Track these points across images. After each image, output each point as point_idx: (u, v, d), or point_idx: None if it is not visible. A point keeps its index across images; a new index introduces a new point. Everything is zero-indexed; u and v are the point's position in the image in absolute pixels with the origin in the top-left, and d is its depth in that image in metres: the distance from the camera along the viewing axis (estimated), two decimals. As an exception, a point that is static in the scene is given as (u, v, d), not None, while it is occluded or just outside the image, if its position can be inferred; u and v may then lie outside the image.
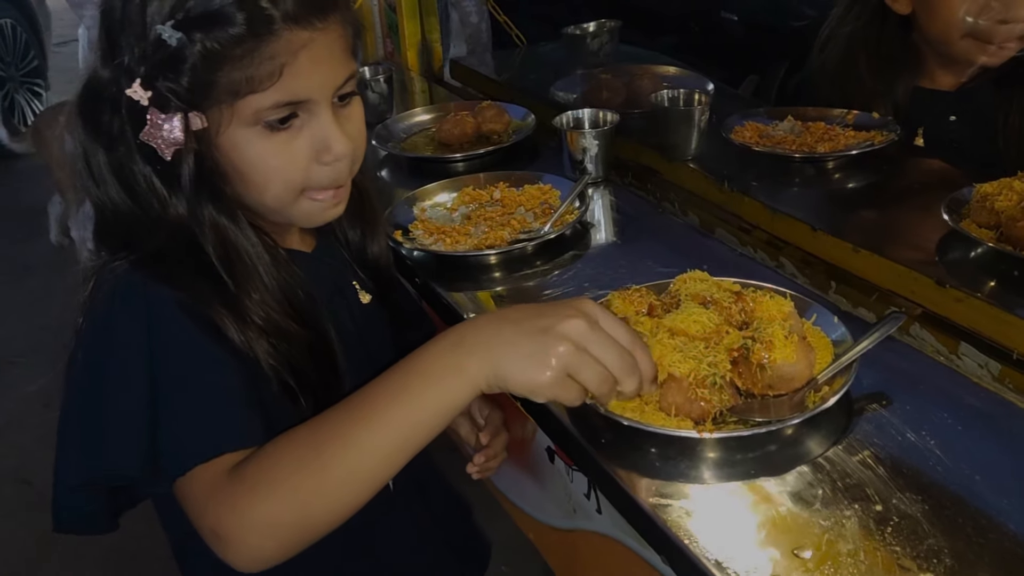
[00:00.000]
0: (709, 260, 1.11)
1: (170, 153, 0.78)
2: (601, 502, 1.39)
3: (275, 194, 0.84)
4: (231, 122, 0.79)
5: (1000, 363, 0.93)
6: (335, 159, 0.84)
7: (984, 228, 1.10)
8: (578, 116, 1.49)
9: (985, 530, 0.72)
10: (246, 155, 0.81)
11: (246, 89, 0.77)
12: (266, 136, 0.81)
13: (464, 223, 1.33)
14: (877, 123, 1.47)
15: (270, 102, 0.79)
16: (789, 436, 0.84)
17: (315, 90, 0.81)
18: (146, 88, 0.77)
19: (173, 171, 0.79)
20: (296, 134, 0.82)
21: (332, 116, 0.83)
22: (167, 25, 0.75)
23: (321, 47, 0.81)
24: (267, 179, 0.83)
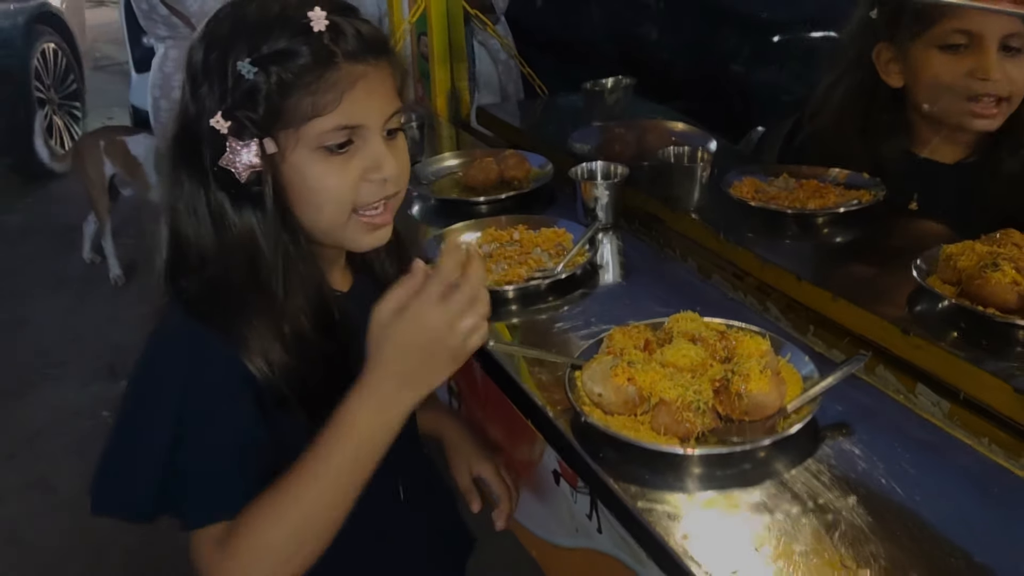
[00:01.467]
0: (704, 302, 1.25)
1: (246, 176, 0.91)
2: (602, 522, 1.51)
3: (329, 213, 0.95)
4: (296, 146, 0.91)
5: (950, 402, 1.06)
6: (383, 177, 0.95)
7: (948, 284, 1.23)
8: (591, 168, 1.64)
9: (919, 540, 0.86)
10: (307, 175, 0.93)
11: (311, 113, 0.90)
12: (325, 158, 0.93)
13: (486, 260, 1.48)
14: (867, 183, 1.61)
15: (331, 125, 0.91)
16: (760, 456, 0.98)
17: (368, 117, 0.93)
18: (226, 119, 0.90)
19: (246, 194, 0.92)
20: (350, 157, 0.94)
21: (382, 141, 0.95)
22: (245, 62, 0.88)
23: (375, 80, 0.93)
24: (323, 198, 0.94)
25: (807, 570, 0.82)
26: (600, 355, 1.09)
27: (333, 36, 0.91)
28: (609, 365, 1.03)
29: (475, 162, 1.82)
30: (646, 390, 1.00)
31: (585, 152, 1.91)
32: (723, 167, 1.68)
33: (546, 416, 1.10)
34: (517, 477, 1.37)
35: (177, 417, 0.88)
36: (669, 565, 0.89)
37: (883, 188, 1.57)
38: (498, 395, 1.78)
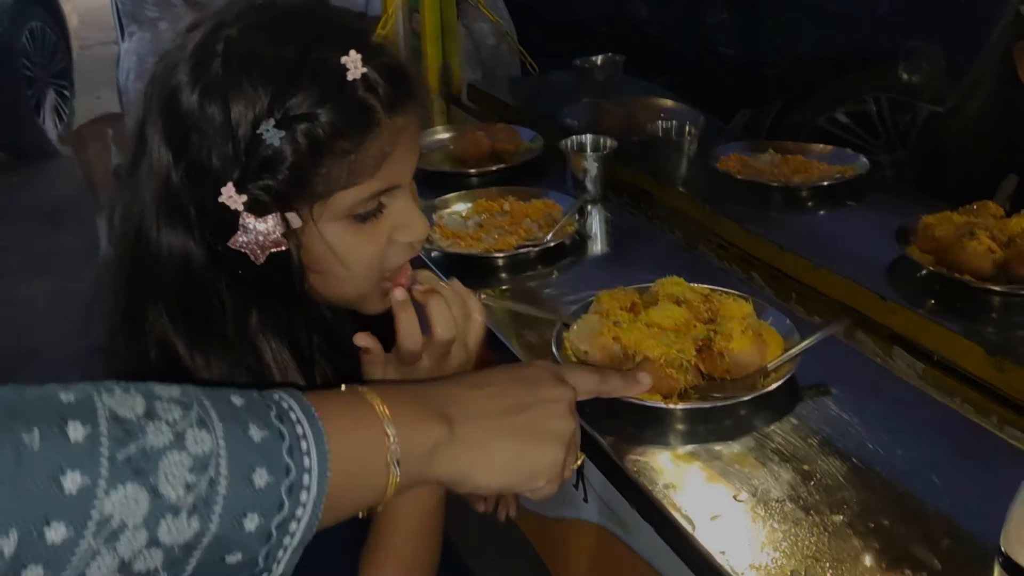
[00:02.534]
0: (690, 271, 1.28)
1: (264, 257, 0.74)
2: (588, 491, 1.55)
3: (357, 284, 0.81)
4: (322, 216, 0.76)
5: (925, 364, 1.10)
6: (416, 240, 0.82)
7: (926, 253, 1.27)
8: (581, 141, 1.67)
9: (891, 488, 0.89)
10: (337, 247, 0.78)
11: (347, 182, 0.75)
12: (356, 228, 0.78)
13: (477, 230, 1.51)
14: (850, 158, 1.65)
15: (368, 193, 0.76)
16: (741, 412, 1.02)
17: (406, 175, 0.80)
18: (240, 192, 0.73)
19: (254, 277, 0.76)
20: (379, 220, 0.79)
21: (413, 198, 0.82)
22: (269, 123, 0.71)
23: (412, 131, 0.80)
24: (354, 271, 0.80)
25: (783, 515, 0.86)
26: (587, 315, 1.12)
27: (368, 84, 0.75)
28: (596, 324, 1.06)
29: (466, 135, 1.85)
30: (631, 348, 1.03)
31: (575, 127, 1.93)
32: (711, 143, 1.71)
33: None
34: None
35: None
36: (652, 513, 0.92)
37: (866, 164, 1.60)
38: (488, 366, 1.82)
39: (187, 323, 0.77)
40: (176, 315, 0.77)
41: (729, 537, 0.84)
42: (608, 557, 1.47)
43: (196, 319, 0.77)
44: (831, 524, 0.84)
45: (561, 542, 1.68)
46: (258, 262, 0.75)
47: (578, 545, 1.61)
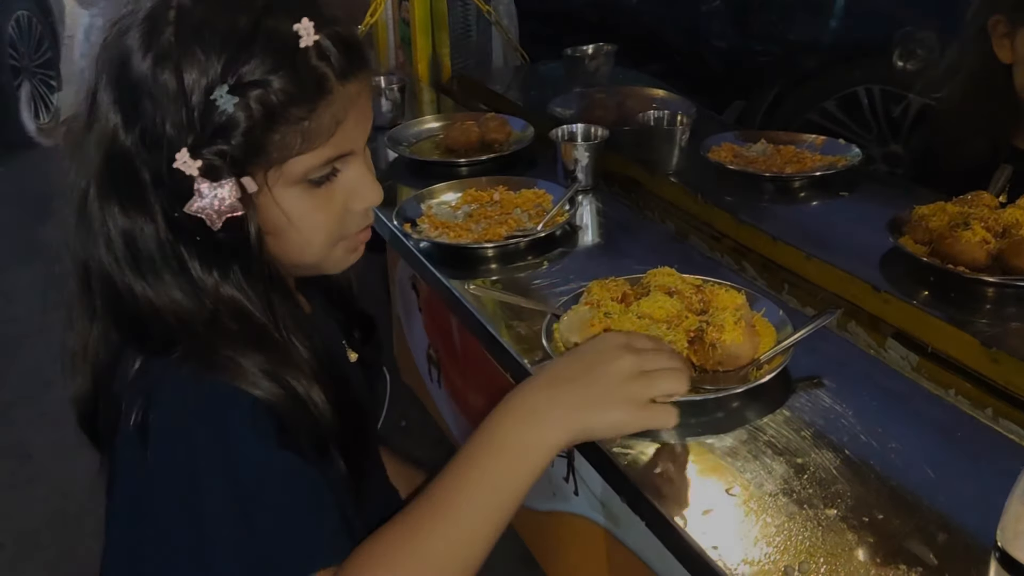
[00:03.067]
0: (681, 262, 1.26)
1: (221, 222, 0.75)
2: (578, 484, 1.53)
3: (316, 248, 0.84)
4: (276, 182, 0.77)
5: (919, 356, 1.09)
6: (369, 206, 0.84)
7: (919, 244, 1.26)
8: (572, 130, 1.65)
9: (885, 481, 0.88)
10: (292, 213, 0.79)
11: (301, 148, 0.76)
12: (311, 192, 0.80)
13: (466, 220, 1.49)
14: (842, 148, 1.63)
15: (322, 159, 0.78)
16: (734, 405, 1.00)
17: (358, 142, 0.82)
18: (195, 157, 0.73)
19: (214, 242, 0.76)
20: (334, 187, 0.82)
21: (367, 166, 0.84)
22: (222, 90, 0.72)
23: (364, 99, 0.81)
24: (312, 235, 0.82)
25: (776, 509, 0.84)
26: (578, 306, 1.10)
27: (320, 52, 0.76)
28: (586, 315, 1.05)
29: (456, 124, 1.82)
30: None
31: (565, 116, 1.91)
32: (704, 133, 1.69)
33: (521, 367, 1.12)
34: None
35: (227, 494, 0.70)
36: (642, 507, 0.91)
37: (859, 154, 1.59)
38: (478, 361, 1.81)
39: (143, 291, 0.78)
40: (130, 283, 0.78)
41: (721, 532, 0.83)
42: (597, 551, 1.46)
43: (152, 286, 0.78)
44: (825, 518, 0.83)
45: (550, 535, 1.67)
46: (215, 227, 0.75)
47: (567, 538, 1.60)
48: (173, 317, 0.77)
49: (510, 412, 0.77)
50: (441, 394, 2.17)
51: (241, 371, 0.75)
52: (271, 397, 0.75)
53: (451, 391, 2.10)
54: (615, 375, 0.78)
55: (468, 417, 2.04)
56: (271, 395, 0.75)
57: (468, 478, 0.74)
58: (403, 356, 2.31)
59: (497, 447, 0.75)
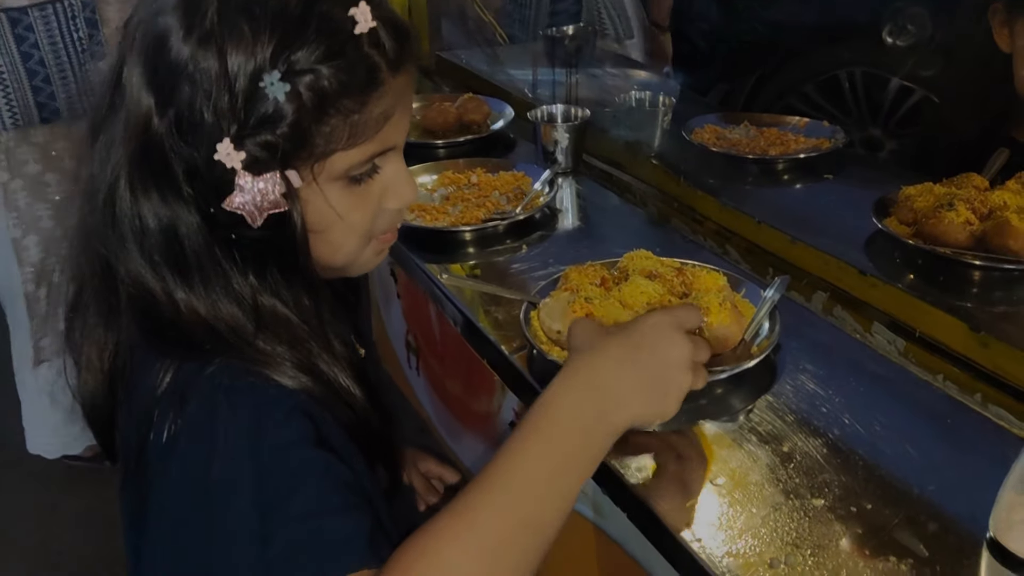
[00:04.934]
0: (663, 245, 1.24)
1: (262, 219, 0.70)
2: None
3: (350, 249, 0.79)
4: (319, 177, 0.72)
5: (905, 340, 1.06)
6: (405, 205, 0.80)
7: (905, 225, 1.23)
8: (551, 111, 1.62)
9: (873, 470, 0.85)
10: (330, 211, 0.74)
11: (348, 143, 0.71)
12: (350, 189, 0.75)
13: (443, 203, 1.45)
14: (826, 131, 1.61)
15: (367, 155, 0.74)
16: (717, 391, 0.97)
17: (401, 137, 0.77)
18: (238, 148, 0.68)
19: (255, 242, 0.72)
20: (373, 183, 0.77)
21: (403, 161, 0.79)
22: (272, 76, 0.67)
23: (411, 91, 0.77)
24: (347, 234, 0.77)
25: (762, 499, 0.82)
26: (557, 292, 1.07)
27: (374, 39, 0.71)
28: (567, 301, 1.01)
29: (433, 105, 1.78)
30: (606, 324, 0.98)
31: (545, 98, 1.87)
32: (687, 115, 1.66)
33: (501, 354, 1.08)
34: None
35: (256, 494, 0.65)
36: (624, 499, 0.88)
37: (844, 135, 1.56)
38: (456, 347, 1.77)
39: (186, 296, 0.72)
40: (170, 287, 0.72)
41: (705, 523, 0.80)
42: (582, 541, 1.43)
43: (193, 289, 0.72)
44: (812, 508, 0.80)
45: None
46: (255, 224, 0.70)
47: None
48: (223, 325, 0.71)
49: (574, 388, 0.71)
50: (419, 381, 2.13)
51: (278, 365, 0.71)
52: (309, 390, 0.71)
53: (429, 377, 2.07)
54: (676, 363, 0.75)
55: (446, 404, 2.00)
56: (308, 388, 0.71)
57: (527, 457, 0.67)
58: (382, 343, 2.27)
59: (563, 426, 0.69)
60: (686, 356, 0.76)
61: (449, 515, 0.64)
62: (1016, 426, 0.91)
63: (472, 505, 0.65)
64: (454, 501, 0.65)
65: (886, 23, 1.35)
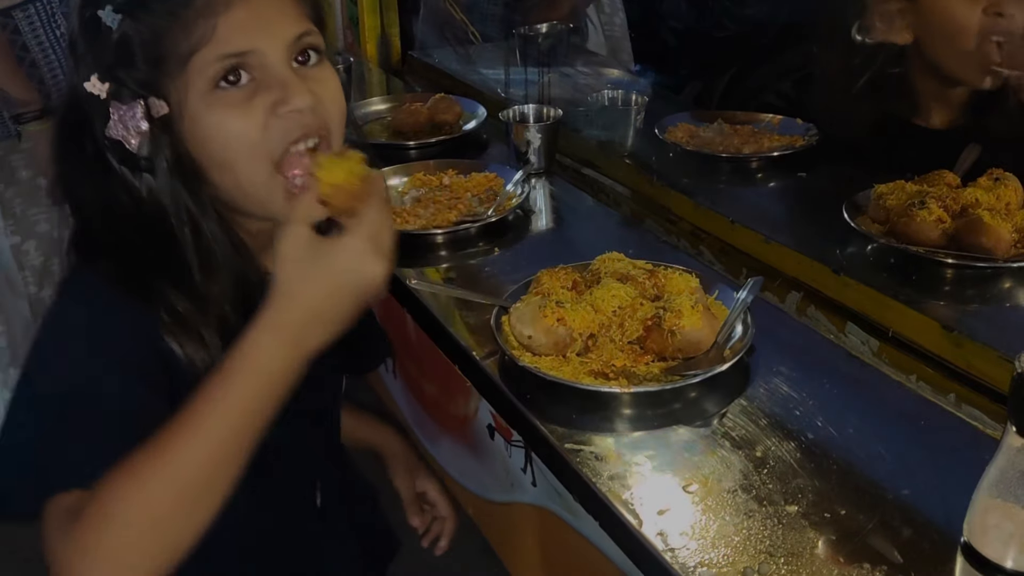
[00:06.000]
0: (637, 246, 1.22)
1: (137, 144, 0.78)
2: (536, 475, 1.49)
3: (244, 169, 0.80)
4: (187, 96, 0.78)
5: (879, 340, 1.05)
6: (291, 108, 0.79)
7: (878, 223, 1.22)
8: (523, 111, 1.60)
9: (847, 474, 0.84)
10: (206, 126, 0.78)
11: (189, 49, 0.76)
12: (221, 101, 0.78)
13: (414, 205, 1.43)
14: (800, 129, 1.60)
15: (212, 56, 0.77)
16: (691, 395, 0.96)
17: (258, 40, 0.79)
18: (103, 80, 0.77)
19: (144, 164, 0.79)
20: (252, 93, 0.79)
21: (287, 68, 0.80)
22: (108, 10, 0.76)
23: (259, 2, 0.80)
24: (231, 150, 0.79)
25: (735, 507, 0.80)
26: (528, 296, 1.05)
27: None
28: (538, 306, 1.00)
29: (404, 106, 1.76)
30: (577, 330, 0.97)
31: (518, 97, 1.86)
32: (660, 113, 1.65)
33: (473, 360, 1.07)
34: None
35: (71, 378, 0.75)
36: (596, 506, 0.87)
37: (816, 133, 1.55)
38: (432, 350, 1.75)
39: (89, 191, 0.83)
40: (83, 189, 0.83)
41: (678, 532, 0.78)
42: (556, 542, 1.42)
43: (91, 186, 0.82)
44: (785, 515, 0.79)
45: (508, 527, 1.63)
46: (133, 149, 0.78)
47: (526, 529, 1.56)
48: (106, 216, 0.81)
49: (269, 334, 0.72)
50: (396, 384, 2.11)
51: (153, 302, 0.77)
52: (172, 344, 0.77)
53: (406, 380, 2.05)
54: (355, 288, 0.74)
55: (423, 406, 1.99)
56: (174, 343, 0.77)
57: (221, 401, 0.70)
58: (357, 346, 2.25)
59: (250, 368, 0.71)
60: (379, 278, 0.74)
61: (152, 446, 0.68)
62: (990, 427, 0.90)
63: (169, 442, 0.69)
64: (159, 433, 0.69)
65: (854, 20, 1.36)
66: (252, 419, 0.71)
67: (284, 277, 0.74)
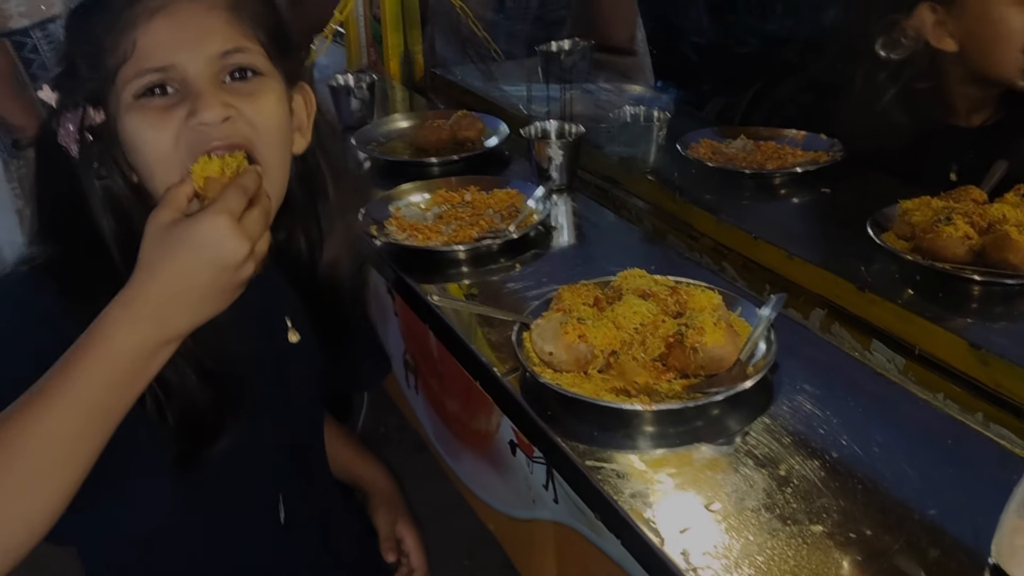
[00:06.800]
0: (658, 263, 1.22)
1: (76, 149, 0.82)
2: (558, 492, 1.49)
3: (161, 178, 0.81)
4: (119, 108, 0.82)
5: (905, 358, 1.04)
6: (200, 121, 0.80)
7: (903, 240, 1.21)
8: (545, 127, 1.60)
9: (873, 494, 0.83)
10: (127, 131, 0.82)
11: (115, 64, 0.80)
12: (141, 109, 0.81)
13: (436, 222, 1.44)
14: (824, 144, 1.59)
15: (132, 71, 0.80)
16: (713, 412, 0.95)
17: (177, 54, 0.81)
18: (53, 90, 0.83)
19: (88, 169, 0.83)
20: (171, 106, 0.81)
21: (206, 83, 0.81)
22: (57, 23, 0.83)
23: (184, 13, 0.82)
24: (146, 156, 0.82)
25: (758, 526, 0.80)
26: (549, 313, 1.05)
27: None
28: (559, 322, 1.00)
29: (426, 123, 1.77)
30: (599, 347, 0.97)
31: (540, 114, 1.86)
32: (683, 129, 1.65)
33: (494, 376, 1.07)
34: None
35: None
36: (618, 524, 0.86)
37: (841, 149, 1.55)
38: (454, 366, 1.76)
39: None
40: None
41: (701, 551, 0.78)
42: (578, 559, 1.41)
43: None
44: (810, 535, 0.78)
45: (530, 543, 1.62)
46: (73, 153, 0.83)
47: (547, 546, 1.55)
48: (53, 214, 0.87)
49: (126, 315, 0.72)
50: (418, 399, 2.11)
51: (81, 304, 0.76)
52: None
53: (428, 396, 2.05)
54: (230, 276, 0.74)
55: (445, 422, 1.99)
56: None
57: (70, 378, 0.70)
58: (379, 361, 2.26)
59: (101, 347, 0.71)
60: (238, 254, 0.73)
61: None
62: (1018, 446, 0.89)
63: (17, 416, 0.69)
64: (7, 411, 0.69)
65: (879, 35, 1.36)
66: (106, 397, 0.70)
67: (143, 254, 0.74)
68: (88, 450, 0.70)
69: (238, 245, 0.72)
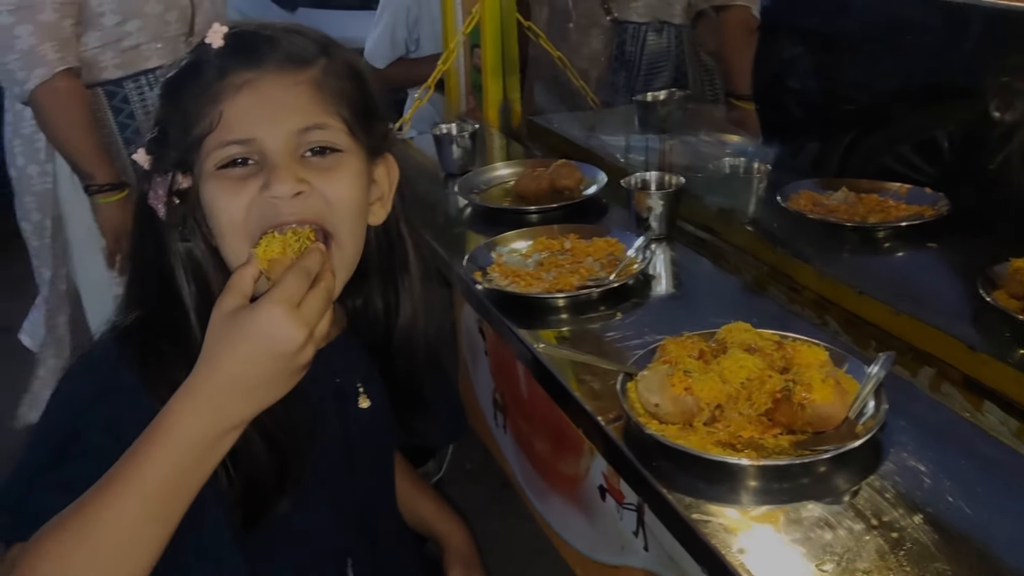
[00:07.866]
0: (759, 315, 1.22)
1: (164, 212, 0.86)
2: (648, 539, 1.48)
3: (231, 246, 0.85)
4: (203, 175, 0.85)
5: (1018, 421, 1.02)
6: (272, 195, 0.82)
7: (1015, 299, 1.19)
8: (645, 178, 1.63)
9: (986, 559, 0.82)
10: (208, 202, 0.85)
11: (200, 134, 0.83)
12: (221, 178, 0.84)
13: (537, 269, 1.47)
14: (929, 198, 1.57)
15: (216, 141, 0.83)
16: (820, 470, 0.95)
17: (259, 128, 0.83)
18: (148, 153, 0.87)
19: (172, 231, 0.87)
20: (248, 177, 0.84)
21: (283, 157, 0.84)
22: (154, 92, 0.88)
23: (269, 88, 0.84)
24: (219, 223, 0.85)
25: (871, 588, 0.79)
26: (655, 364, 1.07)
27: (224, 48, 0.86)
28: (665, 374, 1.01)
29: (527, 171, 1.81)
30: (705, 400, 0.98)
31: (638, 164, 1.89)
32: (781, 180, 1.65)
33: (598, 425, 1.08)
34: None
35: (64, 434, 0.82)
36: (726, 581, 0.86)
37: (947, 203, 1.52)
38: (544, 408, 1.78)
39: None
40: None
41: (811, 612, 0.78)
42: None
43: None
44: (924, 600, 0.77)
45: (619, 590, 1.62)
46: (161, 215, 0.86)
47: (636, 593, 1.55)
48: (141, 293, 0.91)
49: (191, 409, 0.74)
50: (506, 439, 2.14)
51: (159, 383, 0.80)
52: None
53: (516, 436, 2.08)
54: (290, 363, 0.76)
55: (533, 463, 2.00)
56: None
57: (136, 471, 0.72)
58: (468, 398, 2.29)
59: (167, 442, 0.73)
60: (294, 342, 0.75)
61: (71, 510, 0.72)
62: None
63: (90, 510, 0.72)
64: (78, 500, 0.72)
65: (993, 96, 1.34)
66: (172, 485, 0.73)
67: (207, 343, 0.76)
68: (156, 535, 0.73)
69: (295, 334, 0.74)
